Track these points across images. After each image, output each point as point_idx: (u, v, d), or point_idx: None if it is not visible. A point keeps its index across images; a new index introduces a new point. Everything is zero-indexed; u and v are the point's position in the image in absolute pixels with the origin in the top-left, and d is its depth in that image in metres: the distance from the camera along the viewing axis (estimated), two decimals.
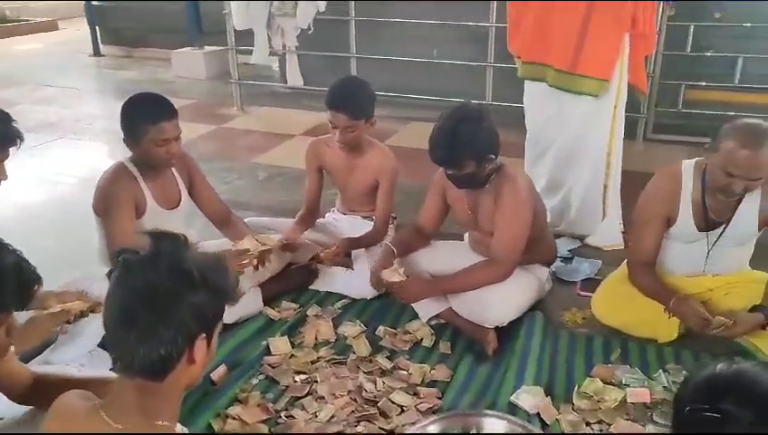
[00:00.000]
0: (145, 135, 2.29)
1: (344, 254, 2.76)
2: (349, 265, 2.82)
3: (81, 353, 2.16)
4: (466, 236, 2.81)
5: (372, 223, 2.88)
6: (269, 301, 2.65)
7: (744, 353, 2.28)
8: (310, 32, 5.35)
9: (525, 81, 3.17)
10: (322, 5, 5.27)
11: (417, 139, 4.73)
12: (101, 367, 2.00)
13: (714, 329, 2.15)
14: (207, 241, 2.68)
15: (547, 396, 2.08)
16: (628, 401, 2.08)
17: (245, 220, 2.82)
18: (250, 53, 5.68)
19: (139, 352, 1.13)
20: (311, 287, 2.79)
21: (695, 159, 2.32)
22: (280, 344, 2.38)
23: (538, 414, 2.02)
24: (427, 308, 2.50)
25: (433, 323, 2.51)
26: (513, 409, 2.03)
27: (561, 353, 2.36)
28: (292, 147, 4.97)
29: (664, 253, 2.41)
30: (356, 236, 2.82)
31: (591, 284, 2.81)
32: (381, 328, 2.49)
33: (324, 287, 2.78)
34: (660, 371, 2.23)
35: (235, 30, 5.58)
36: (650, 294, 2.35)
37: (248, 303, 2.55)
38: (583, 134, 3.04)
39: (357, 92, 2.62)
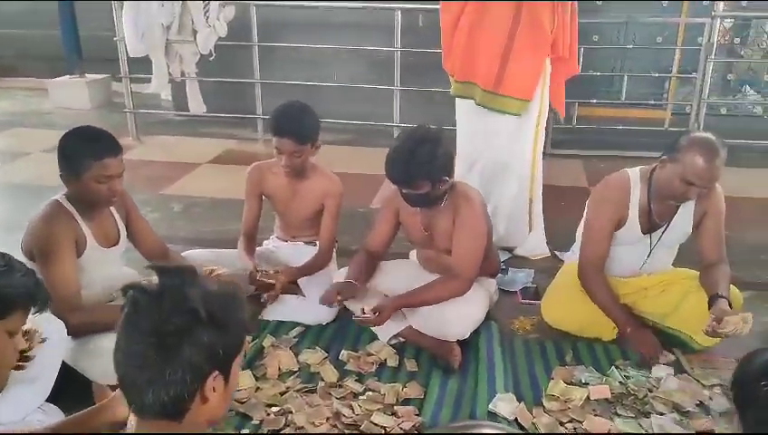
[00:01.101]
0: (86, 171, 2.15)
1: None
2: (298, 292, 2.78)
3: (32, 407, 1.97)
4: (412, 254, 2.88)
5: (315, 248, 2.87)
6: None
7: (682, 344, 2.51)
8: (211, 58, 5.24)
9: (456, 98, 3.29)
10: (223, 31, 5.20)
11: (327, 162, 4.72)
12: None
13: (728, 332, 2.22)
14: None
15: (519, 402, 2.18)
16: (592, 398, 2.22)
17: (182, 254, 2.72)
18: (140, 81, 5.47)
19: (148, 394, 1.11)
20: (260, 317, 2.72)
21: (638, 168, 2.52)
22: (244, 379, 2.30)
23: (516, 420, 2.10)
24: (386, 328, 2.51)
25: (393, 342, 2.54)
26: (492, 417, 2.10)
27: (519, 360, 2.47)
28: (202, 176, 4.83)
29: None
30: (300, 262, 2.81)
31: (530, 292, 2.98)
32: (344, 352, 2.48)
33: (275, 317, 2.72)
34: (613, 367, 2.39)
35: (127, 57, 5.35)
36: (602, 305, 2.50)
37: None
38: (508, 150, 3.21)
39: (302, 117, 2.62)
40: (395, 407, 2.18)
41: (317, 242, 2.89)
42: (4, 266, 1.53)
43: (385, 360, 2.45)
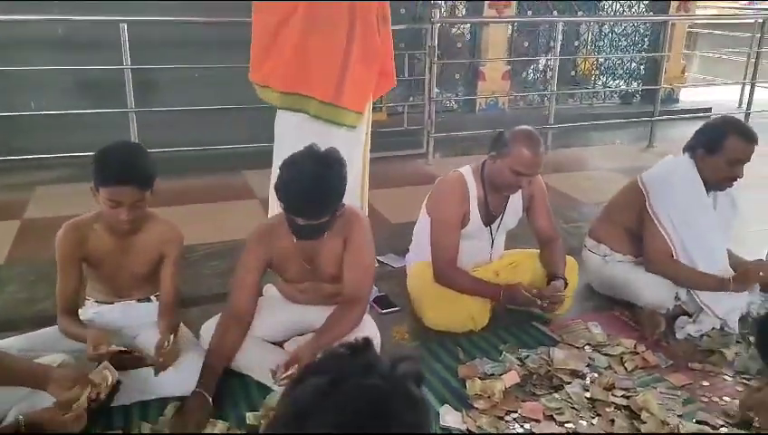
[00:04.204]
0: None
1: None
2: (147, 363, 2.28)
3: None
4: (267, 290, 2.62)
5: (151, 304, 2.42)
6: None
7: (540, 317, 2.77)
8: None
9: (279, 111, 3.00)
10: None
11: (59, 205, 3.99)
12: None
13: (553, 303, 2.55)
14: None
15: (460, 411, 2.15)
16: (507, 386, 2.31)
17: None
18: None
19: None
20: (115, 405, 2.15)
21: (468, 166, 2.71)
22: None
23: (467, 429, 2.08)
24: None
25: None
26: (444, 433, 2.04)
27: (424, 369, 2.41)
28: None
29: None
30: (138, 323, 2.38)
31: (383, 301, 2.94)
32: (249, 415, 2.13)
33: (136, 397, 2.19)
34: (504, 353, 2.52)
35: None
36: (471, 291, 2.62)
37: None
38: None
39: (140, 158, 2.15)
40: None
41: (151, 297, 2.43)
42: None
43: None
